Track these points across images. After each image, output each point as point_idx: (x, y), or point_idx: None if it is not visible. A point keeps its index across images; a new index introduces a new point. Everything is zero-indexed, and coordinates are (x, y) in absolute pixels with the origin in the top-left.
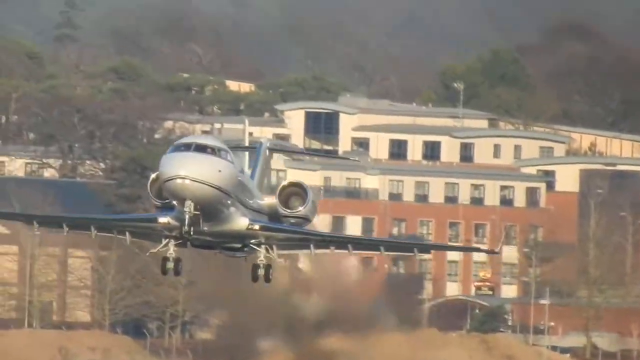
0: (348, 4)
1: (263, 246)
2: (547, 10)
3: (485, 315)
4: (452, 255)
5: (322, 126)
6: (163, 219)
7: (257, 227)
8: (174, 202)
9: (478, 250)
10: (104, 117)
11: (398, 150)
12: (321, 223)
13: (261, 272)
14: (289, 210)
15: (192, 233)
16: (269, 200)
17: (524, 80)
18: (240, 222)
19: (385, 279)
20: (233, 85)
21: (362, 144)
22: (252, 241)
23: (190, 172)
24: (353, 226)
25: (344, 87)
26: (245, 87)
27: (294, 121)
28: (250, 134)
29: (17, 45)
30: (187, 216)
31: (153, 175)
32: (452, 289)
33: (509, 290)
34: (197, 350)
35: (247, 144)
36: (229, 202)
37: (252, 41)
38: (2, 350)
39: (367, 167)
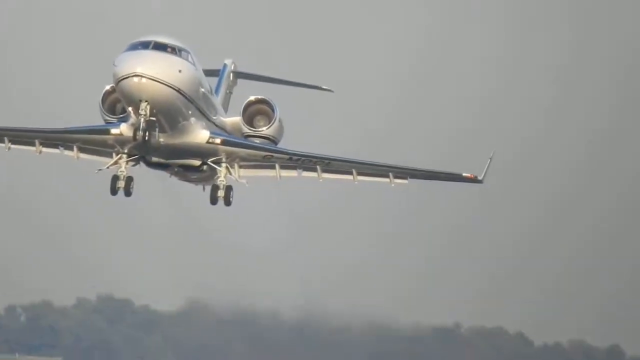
0: None
1: (224, 165)
2: None
3: None
4: None
5: None
6: (115, 130)
7: (218, 140)
8: (128, 107)
9: (460, 178)
10: None
11: None
12: None
13: (221, 193)
14: (253, 129)
15: (146, 139)
16: (233, 119)
17: None
18: (201, 134)
19: None
20: None
21: None
22: (212, 159)
23: (146, 69)
24: None
25: None
26: None
27: None
28: None
29: None
30: (142, 120)
31: (107, 87)
32: None
33: None
34: None
35: None
36: (188, 109)
37: None
38: None
39: None
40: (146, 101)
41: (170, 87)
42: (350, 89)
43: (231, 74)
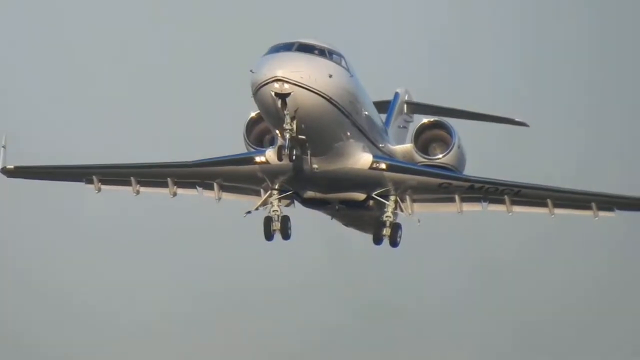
0: None
1: (392, 198)
2: None
3: None
4: None
5: None
6: (260, 157)
7: (383, 165)
8: (270, 123)
9: None
10: None
11: None
12: None
13: (386, 232)
14: (428, 158)
15: (293, 160)
16: (403, 146)
17: None
18: (363, 158)
19: None
20: None
21: None
22: (378, 191)
23: (289, 73)
24: None
25: None
26: None
27: None
28: None
29: None
30: (287, 135)
31: (253, 114)
32: None
33: None
34: None
35: None
36: (343, 126)
37: None
38: None
39: None
40: (291, 111)
41: (319, 94)
42: (546, 121)
43: (405, 106)
